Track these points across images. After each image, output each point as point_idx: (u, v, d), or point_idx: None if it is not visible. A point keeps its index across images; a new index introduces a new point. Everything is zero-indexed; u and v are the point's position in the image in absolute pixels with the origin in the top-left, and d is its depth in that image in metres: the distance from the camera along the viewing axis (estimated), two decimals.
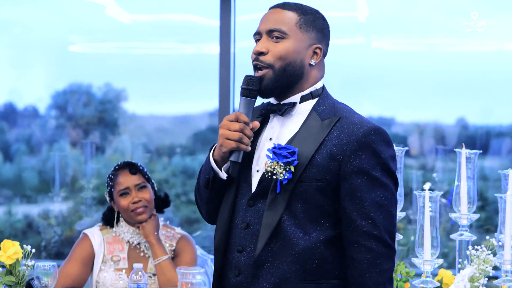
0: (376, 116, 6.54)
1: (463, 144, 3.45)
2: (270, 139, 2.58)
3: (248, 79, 2.54)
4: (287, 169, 2.46)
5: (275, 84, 2.54)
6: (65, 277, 3.70)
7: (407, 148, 3.46)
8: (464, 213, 3.39)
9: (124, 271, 3.73)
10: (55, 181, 6.63)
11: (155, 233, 3.73)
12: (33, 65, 7.05)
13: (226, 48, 5.35)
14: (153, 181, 3.87)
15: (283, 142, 2.54)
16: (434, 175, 6.27)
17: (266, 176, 2.48)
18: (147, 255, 3.78)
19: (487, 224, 6.18)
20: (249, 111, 2.54)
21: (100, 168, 6.66)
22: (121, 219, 3.83)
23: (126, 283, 3.69)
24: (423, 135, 6.81)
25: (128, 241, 3.78)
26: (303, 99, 2.58)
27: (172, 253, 3.79)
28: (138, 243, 3.79)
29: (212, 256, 4.20)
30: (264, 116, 2.61)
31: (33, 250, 3.27)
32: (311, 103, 2.58)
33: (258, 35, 2.59)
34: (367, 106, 6.38)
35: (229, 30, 5.35)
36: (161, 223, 3.85)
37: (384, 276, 2.47)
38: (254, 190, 2.55)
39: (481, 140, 6.66)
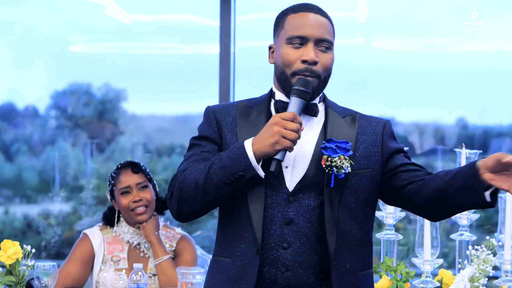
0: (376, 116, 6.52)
1: (463, 144, 3.46)
2: None
3: (305, 82, 2.54)
4: (349, 162, 2.52)
5: (316, 94, 2.60)
6: (65, 277, 3.70)
7: (407, 148, 3.46)
8: (464, 213, 3.39)
9: (124, 271, 3.73)
10: (55, 181, 6.63)
11: (156, 233, 3.73)
12: (33, 65, 7.04)
13: (226, 48, 5.35)
14: (155, 182, 3.87)
15: (309, 138, 2.58)
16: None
17: (327, 170, 2.50)
18: (147, 255, 3.78)
19: (487, 224, 6.18)
20: (300, 113, 2.54)
21: (100, 168, 6.66)
22: (121, 219, 3.83)
23: (126, 283, 3.69)
24: (423, 135, 6.80)
25: (128, 241, 3.78)
26: (319, 100, 2.65)
27: (172, 253, 3.79)
28: (138, 244, 3.78)
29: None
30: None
31: (33, 250, 3.27)
32: (322, 103, 2.66)
33: (300, 40, 2.56)
34: (367, 106, 6.37)
35: (229, 30, 5.35)
36: (161, 223, 3.85)
37: None
38: (294, 186, 2.55)
39: (481, 140, 6.66)
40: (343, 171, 2.50)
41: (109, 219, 3.85)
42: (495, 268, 3.32)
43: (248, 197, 2.56)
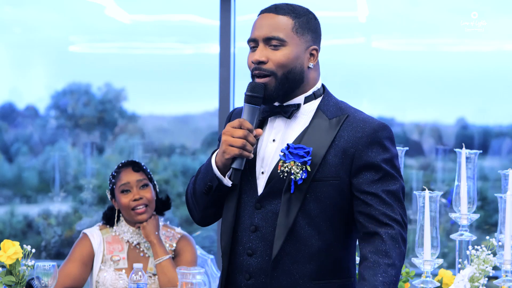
0: (376, 116, 6.52)
1: (463, 144, 3.45)
2: (274, 140, 2.57)
3: (252, 86, 2.52)
4: (303, 169, 2.46)
5: (278, 92, 2.54)
6: (64, 277, 3.70)
7: (407, 148, 3.47)
8: (464, 213, 3.39)
9: (124, 271, 3.73)
10: (55, 181, 6.63)
11: (156, 232, 3.73)
12: (33, 65, 7.05)
13: (226, 48, 5.35)
14: (155, 182, 3.87)
15: (289, 143, 2.53)
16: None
17: (281, 176, 2.47)
18: (147, 255, 3.78)
19: (487, 224, 6.18)
20: (253, 118, 2.52)
21: (100, 168, 6.66)
22: (121, 218, 3.83)
23: (126, 283, 3.69)
24: (423, 135, 6.80)
25: (128, 241, 3.78)
26: (307, 100, 2.59)
27: (173, 253, 3.79)
28: (138, 243, 3.79)
29: (212, 256, 4.20)
30: (266, 118, 2.60)
31: (33, 250, 3.27)
32: (315, 103, 2.59)
33: (253, 42, 2.57)
34: (367, 106, 6.38)
35: (229, 30, 5.35)
36: (161, 223, 3.85)
37: (402, 254, 2.49)
38: (261, 192, 2.54)
39: (481, 140, 6.66)
40: (300, 177, 2.45)
41: (109, 219, 3.85)
42: (495, 268, 3.31)
43: (224, 204, 2.60)
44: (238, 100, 5.48)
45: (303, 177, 2.46)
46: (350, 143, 2.50)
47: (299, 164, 2.46)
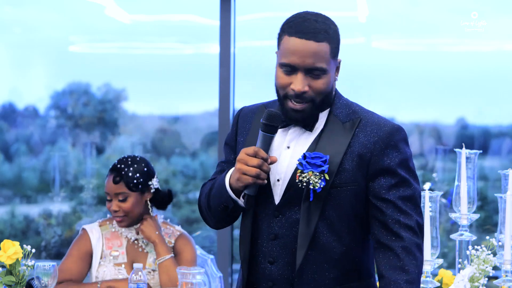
0: None
1: (463, 144, 3.45)
2: (288, 147, 2.56)
3: (271, 116, 2.49)
4: (322, 177, 2.46)
5: (311, 115, 2.53)
6: (63, 272, 3.72)
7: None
8: (464, 213, 3.39)
9: (123, 265, 3.75)
10: (55, 181, 6.63)
11: (156, 232, 3.73)
12: (33, 65, 7.04)
13: (226, 48, 5.35)
14: (152, 182, 3.82)
15: (303, 149, 2.53)
16: (434, 175, 6.26)
17: (300, 185, 2.47)
18: (145, 251, 3.79)
19: (487, 224, 6.18)
20: (267, 146, 2.50)
21: (100, 168, 6.66)
22: None
23: (125, 277, 3.70)
24: (423, 135, 6.80)
25: (127, 236, 3.79)
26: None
27: (171, 249, 3.79)
28: (136, 239, 3.80)
29: (212, 256, 4.20)
30: (284, 127, 2.57)
31: (33, 250, 3.27)
32: (326, 110, 2.58)
33: (291, 68, 2.49)
34: (367, 106, 6.37)
35: (229, 30, 5.35)
36: (160, 220, 3.85)
37: (419, 264, 2.49)
38: (279, 200, 2.54)
39: (480, 140, 6.66)
40: (319, 186, 2.45)
41: None
42: (495, 268, 3.31)
43: (242, 214, 2.62)
44: (238, 100, 5.49)
45: (321, 186, 2.46)
46: (366, 148, 2.50)
47: (317, 173, 2.46)
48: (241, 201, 2.53)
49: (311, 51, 2.46)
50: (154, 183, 3.82)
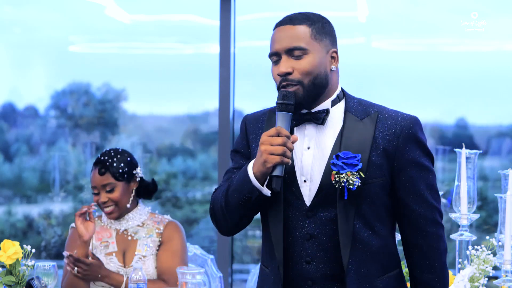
0: None
1: (463, 144, 3.45)
2: (308, 148, 2.61)
3: (284, 94, 2.56)
4: (358, 176, 2.53)
5: (306, 99, 2.58)
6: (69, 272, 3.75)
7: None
8: (464, 213, 3.39)
9: (114, 254, 3.77)
10: (55, 181, 6.63)
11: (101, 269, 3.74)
12: (33, 65, 7.05)
13: (226, 48, 5.35)
14: (136, 171, 3.85)
15: (324, 149, 2.59)
16: None
17: (337, 186, 2.53)
18: (135, 238, 3.81)
19: (487, 224, 6.18)
20: (287, 125, 2.55)
21: None
22: None
23: (117, 266, 3.73)
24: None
25: (116, 228, 3.83)
26: (333, 103, 2.64)
27: (160, 236, 3.81)
28: (125, 229, 3.83)
29: (212, 256, 4.20)
30: (293, 127, 2.63)
31: (33, 250, 3.27)
32: (340, 106, 2.65)
33: (276, 56, 2.61)
34: None
35: (229, 30, 5.35)
36: (148, 212, 3.88)
37: (444, 257, 2.69)
38: (310, 201, 2.59)
39: (481, 140, 6.66)
40: (354, 184, 2.52)
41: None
42: (495, 268, 3.31)
43: (269, 214, 2.64)
44: (238, 100, 5.49)
45: (357, 184, 2.53)
46: (388, 142, 2.59)
47: (355, 173, 2.53)
48: (265, 190, 2.55)
49: (287, 34, 2.59)
50: (139, 172, 3.86)
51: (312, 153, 2.60)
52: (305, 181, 2.60)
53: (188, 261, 3.87)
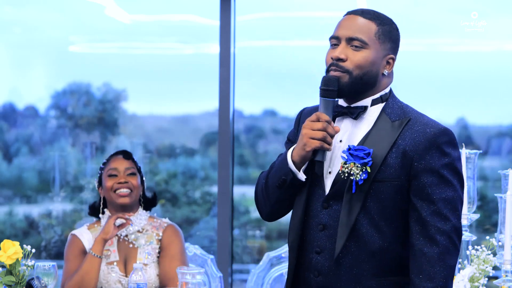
0: None
1: (463, 144, 3.45)
2: (340, 141, 2.63)
3: (326, 80, 2.58)
4: (363, 170, 2.53)
5: (349, 89, 2.60)
6: (68, 275, 3.75)
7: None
8: (464, 213, 3.39)
9: (115, 263, 3.76)
10: (55, 181, 6.63)
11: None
12: (33, 65, 7.05)
13: (226, 48, 5.35)
14: (144, 177, 3.90)
15: (354, 144, 2.60)
16: None
17: (342, 177, 2.55)
18: (136, 246, 3.80)
19: (487, 224, 6.18)
20: (329, 112, 2.58)
21: None
22: (106, 210, 3.85)
23: (119, 275, 3.73)
24: None
25: (116, 235, 3.81)
26: (374, 102, 2.66)
27: (159, 242, 3.80)
28: (126, 235, 3.81)
29: (212, 256, 4.20)
30: (333, 119, 2.64)
31: (33, 250, 3.27)
32: (380, 106, 2.67)
33: (335, 40, 2.63)
34: None
35: (229, 30, 5.35)
36: (147, 215, 3.87)
37: (449, 271, 2.54)
38: (328, 192, 2.61)
39: (481, 140, 6.66)
40: (360, 178, 2.53)
41: (95, 209, 3.90)
42: (495, 268, 3.32)
43: (295, 201, 2.67)
44: (238, 100, 5.49)
45: (363, 178, 2.53)
46: (411, 147, 2.57)
47: (359, 165, 2.53)
48: (300, 174, 2.58)
49: (354, 23, 2.62)
50: (145, 180, 3.90)
51: (342, 147, 2.62)
52: (330, 172, 2.62)
53: (188, 263, 3.87)
